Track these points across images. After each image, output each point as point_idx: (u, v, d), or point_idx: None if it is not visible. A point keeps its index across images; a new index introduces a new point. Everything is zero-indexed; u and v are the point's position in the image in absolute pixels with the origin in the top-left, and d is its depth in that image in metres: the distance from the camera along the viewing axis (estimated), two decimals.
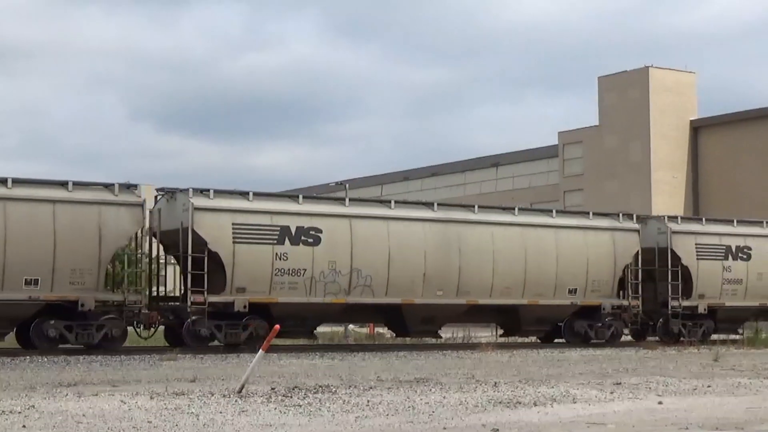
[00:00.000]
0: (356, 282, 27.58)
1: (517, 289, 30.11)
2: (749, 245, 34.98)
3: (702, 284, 33.70)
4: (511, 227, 30.37)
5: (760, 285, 35.10)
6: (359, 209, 28.30)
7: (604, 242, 31.98)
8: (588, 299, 31.49)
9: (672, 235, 33.30)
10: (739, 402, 14.26)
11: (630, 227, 32.73)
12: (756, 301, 35.04)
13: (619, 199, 61.15)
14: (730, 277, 34.41)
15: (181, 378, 17.22)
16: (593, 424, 11.71)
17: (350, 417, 12.05)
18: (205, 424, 11.21)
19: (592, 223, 32.18)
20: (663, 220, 33.92)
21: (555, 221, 31.43)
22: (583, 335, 31.58)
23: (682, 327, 33.21)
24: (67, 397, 13.62)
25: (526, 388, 15.61)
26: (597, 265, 31.64)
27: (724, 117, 64.19)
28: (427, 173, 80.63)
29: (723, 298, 34.25)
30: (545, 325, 31.77)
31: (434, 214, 29.26)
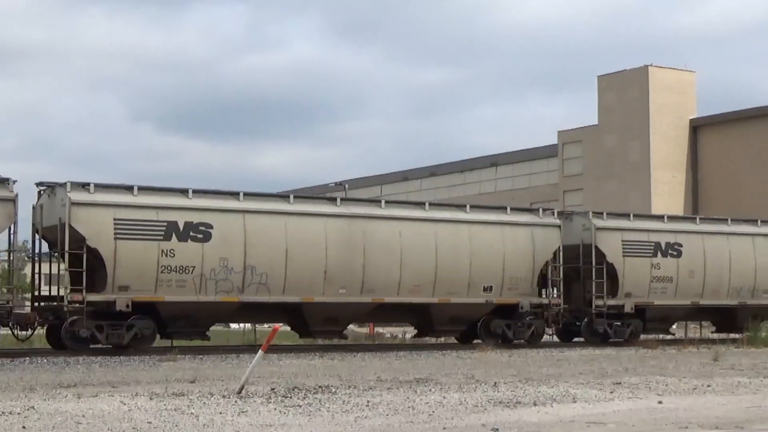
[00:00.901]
0: (250, 280, 26.38)
1: (427, 287, 28.89)
2: (680, 242, 33.60)
3: (629, 282, 32.44)
4: (420, 223, 29.12)
5: (692, 283, 33.70)
6: (254, 204, 26.96)
7: (522, 238, 30.61)
8: (505, 297, 30.12)
9: (596, 231, 32.06)
10: (739, 401, 14.26)
11: (551, 223, 31.43)
12: (687, 300, 33.72)
13: (619, 198, 61.20)
14: (659, 274, 33.00)
15: (181, 379, 17.22)
16: (593, 424, 11.70)
17: (350, 417, 12.05)
18: (204, 425, 11.21)
19: (509, 218, 30.79)
20: (587, 216, 32.56)
21: (469, 216, 30.08)
22: (501, 335, 30.19)
23: (608, 327, 32.15)
24: (66, 398, 13.61)
25: (525, 388, 15.61)
26: (514, 262, 30.29)
27: (723, 116, 64.22)
28: (426, 173, 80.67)
29: (651, 297, 32.89)
30: (460, 324, 30.45)
31: (337, 210, 28.06)
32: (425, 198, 62.48)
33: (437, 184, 78.98)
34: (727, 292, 34.51)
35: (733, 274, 34.54)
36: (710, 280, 34.04)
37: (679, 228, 34.13)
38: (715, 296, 34.26)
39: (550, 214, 31.81)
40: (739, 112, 63.66)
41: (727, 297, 34.54)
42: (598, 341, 31.91)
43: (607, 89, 65.88)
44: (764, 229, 36.08)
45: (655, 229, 33.39)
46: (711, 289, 34.05)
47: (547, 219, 31.52)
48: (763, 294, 35.24)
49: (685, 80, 65.54)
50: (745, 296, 34.86)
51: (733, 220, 36.08)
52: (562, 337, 33.48)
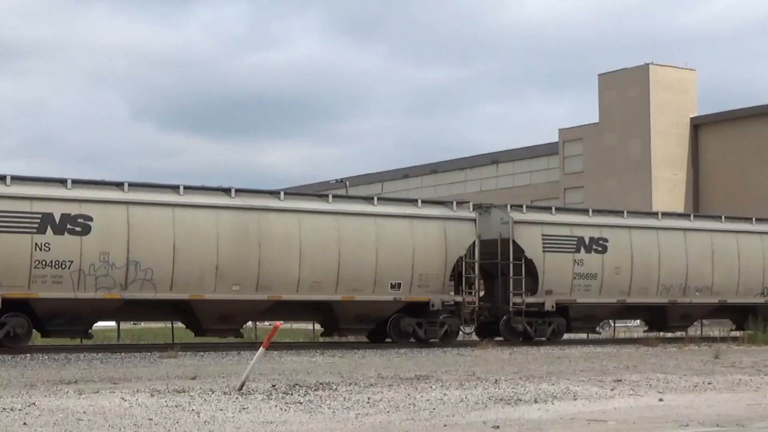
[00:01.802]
0: (134, 276, 24.81)
1: (329, 284, 27.28)
2: (605, 237, 31.77)
3: (549, 279, 30.59)
4: (323, 216, 27.45)
5: (618, 280, 31.88)
6: (139, 195, 25.32)
7: (433, 233, 28.98)
8: (414, 295, 28.52)
9: (514, 225, 30.25)
10: (739, 399, 14.26)
11: (465, 216, 29.69)
12: (613, 298, 31.89)
13: (619, 196, 61.21)
14: (582, 271, 31.17)
15: (182, 375, 17.22)
16: (594, 421, 11.70)
17: (351, 414, 12.05)
18: (206, 422, 11.21)
19: (419, 211, 29.13)
20: (505, 209, 30.82)
21: (376, 209, 28.46)
22: (412, 334, 28.80)
23: (528, 325, 30.48)
24: (67, 395, 13.61)
25: (526, 385, 15.61)
26: (424, 258, 28.66)
27: (724, 114, 64.23)
28: (427, 171, 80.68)
29: (575, 294, 31.07)
30: (367, 323, 28.83)
31: (231, 201, 26.42)
32: (426, 196, 62.49)
33: (438, 181, 78.99)
34: (657, 290, 32.75)
35: (662, 271, 32.77)
36: (638, 277, 32.28)
37: (605, 222, 32.30)
38: (643, 294, 32.53)
39: (464, 207, 30.12)
40: (739, 111, 63.66)
41: (656, 295, 32.82)
42: (518, 340, 30.43)
43: (608, 87, 65.88)
44: (697, 224, 34.58)
45: (578, 223, 31.68)
46: (639, 287, 32.33)
47: (462, 212, 29.81)
48: (696, 292, 33.55)
49: (686, 78, 65.54)
50: (675, 294, 33.14)
51: (664, 214, 34.67)
52: (481, 336, 31.33)
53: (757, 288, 34.99)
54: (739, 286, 34.44)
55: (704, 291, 33.72)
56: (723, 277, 34.03)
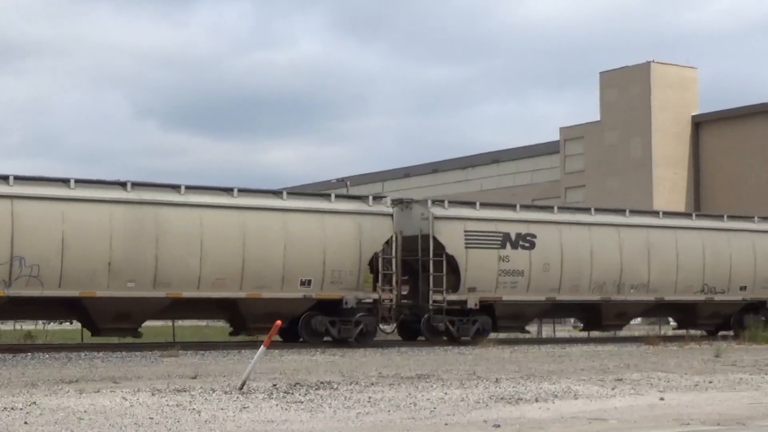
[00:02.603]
0: (19, 272, 23.82)
1: (233, 281, 26.25)
2: (533, 232, 30.53)
3: (472, 276, 29.34)
4: (226, 210, 26.43)
5: (547, 277, 30.64)
6: (26, 189, 24.27)
7: (346, 228, 27.84)
8: (327, 292, 27.38)
9: (434, 221, 29.11)
10: (740, 397, 14.26)
11: (381, 211, 28.46)
12: (542, 296, 30.65)
13: (621, 195, 61.18)
14: (508, 268, 29.90)
15: (183, 374, 17.23)
16: (595, 420, 11.71)
17: (351, 413, 12.06)
18: (206, 421, 11.22)
19: (332, 206, 27.97)
20: (425, 204, 29.63)
21: (284, 204, 27.38)
22: (324, 333, 27.60)
23: (450, 324, 29.21)
24: (68, 394, 13.62)
25: (527, 384, 15.61)
26: (337, 254, 27.52)
27: (725, 113, 64.18)
28: (428, 170, 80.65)
29: (500, 292, 29.80)
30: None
31: (126, 195, 25.34)
32: (427, 195, 62.46)
33: (439, 180, 78.96)
34: (589, 288, 31.43)
35: (595, 267, 31.52)
36: (569, 275, 31.03)
37: (533, 218, 31.02)
38: (574, 292, 31.23)
39: (381, 202, 28.94)
40: (741, 109, 63.61)
41: (589, 292, 31.49)
42: (440, 340, 29.31)
43: (609, 86, 65.84)
44: (632, 219, 33.25)
45: (504, 218, 30.36)
46: (570, 284, 31.08)
47: (377, 207, 28.59)
48: (631, 290, 32.30)
49: (687, 77, 65.50)
50: (609, 292, 31.81)
51: (597, 209, 33.35)
52: (404, 336, 30.58)
53: (697, 285, 33.78)
54: (677, 284, 33.28)
55: (640, 288, 32.51)
56: (660, 274, 32.85)
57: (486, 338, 29.20)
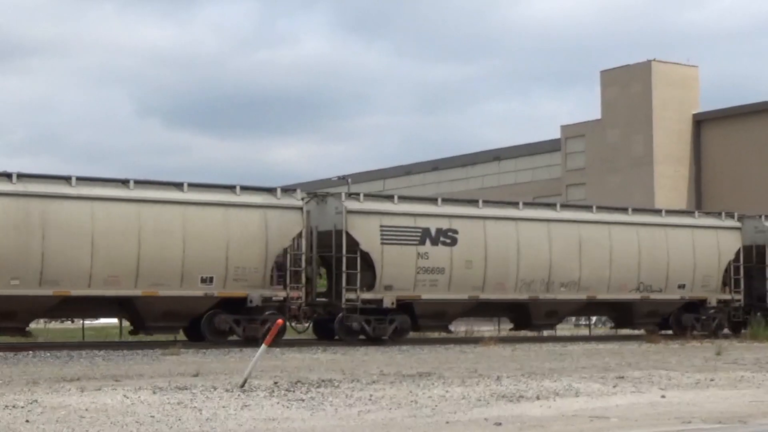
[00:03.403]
0: None
1: (128, 278, 24.91)
2: (455, 228, 29.02)
3: (389, 273, 27.98)
4: (120, 203, 25.07)
5: (470, 274, 29.18)
6: None
7: (251, 222, 26.60)
8: (230, 290, 26.21)
9: (348, 215, 27.68)
10: (742, 395, 14.26)
11: (290, 205, 27.14)
12: (465, 294, 29.18)
13: (622, 193, 61.17)
14: (427, 265, 28.51)
15: (184, 372, 17.23)
16: (596, 418, 11.70)
17: (353, 411, 12.06)
18: (208, 419, 11.22)
19: (236, 199, 26.68)
20: (339, 198, 28.19)
21: (184, 196, 26.00)
22: (228, 332, 26.50)
23: (366, 324, 27.85)
24: (69, 392, 13.63)
25: (528, 382, 15.61)
26: (241, 250, 26.32)
27: (727, 111, 64.16)
28: (429, 167, 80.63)
29: (419, 290, 28.44)
30: (177, 320, 26.40)
31: (11, 187, 24.07)
32: (428, 193, 62.46)
33: (440, 178, 78.95)
34: (516, 286, 29.97)
35: (522, 265, 30.03)
36: (493, 272, 29.54)
37: (455, 212, 29.47)
38: (500, 290, 29.79)
39: (291, 195, 27.60)
40: (742, 107, 63.58)
41: (515, 291, 30.05)
42: (354, 340, 27.93)
43: (611, 84, 65.82)
44: (563, 214, 31.63)
45: (424, 213, 28.90)
46: (494, 282, 29.56)
47: (287, 200, 27.25)
48: (561, 288, 30.72)
49: (689, 75, 65.47)
50: (537, 290, 30.33)
51: (525, 203, 31.64)
52: (319, 336, 29.44)
53: (632, 283, 32.22)
54: (610, 282, 31.71)
55: (570, 286, 30.89)
56: (592, 271, 31.33)
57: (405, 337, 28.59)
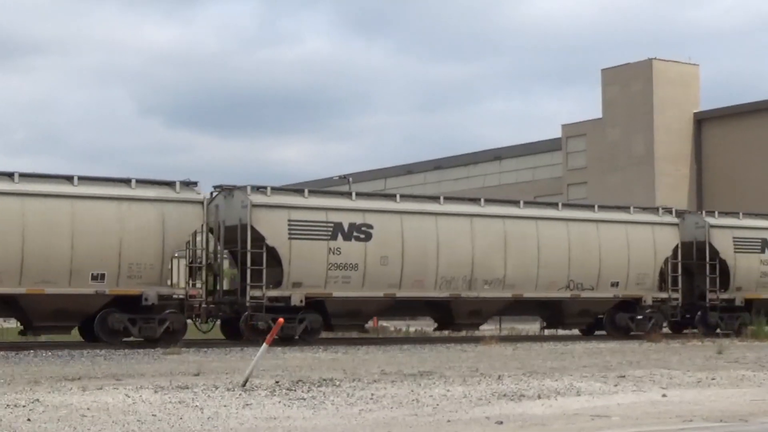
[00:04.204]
0: None
1: (11, 275, 23.90)
2: (370, 223, 27.93)
3: (297, 270, 26.92)
4: (3, 197, 24.02)
5: (386, 271, 28.05)
6: None
7: (147, 217, 25.36)
8: (123, 287, 25.04)
9: (253, 209, 26.66)
10: (743, 394, 14.26)
11: (189, 198, 26.05)
12: (380, 291, 28.02)
13: (623, 191, 61.15)
14: (339, 261, 27.44)
15: (185, 372, 17.24)
16: (597, 417, 11.71)
17: (354, 410, 12.06)
18: (209, 418, 11.23)
19: (131, 193, 25.41)
20: (245, 191, 27.07)
21: (74, 190, 24.87)
22: (123, 332, 25.28)
23: (272, 322, 25.76)
24: (71, 391, 13.64)
25: (530, 381, 15.62)
26: (136, 245, 25.07)
27: (728, 109, 64.12)
28: (431, 167, 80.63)
29: (330, 287, 27.36)
30: (68, 319, 25.25)
31: None
32: (429, 192, 62.44)
33: (441, 177, 78.95)
34: (436, 283, 28.80)
35: (442, 261, 28.86)
36: (411, 269, 28.37)
37: (370, 206, 28.40)
38: (418, 288, 28.65)
39: (190, 189, 26.39)
40: (743, 106, 63.54)
41: (435, 289, 28.86)
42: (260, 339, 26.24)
43: (611, 82, 65.79)
44: (487, 209, 30.46)
45: (335, 207, 27.90)
46: (412, 280, 28.43)
47: (186, 194, 26.12)
48: (485, 286, 29.54)
49: (689, 73, 65.43)
50: (459, 288, 29.14)
51: (447, 198, 30.64)
52: (228, 336, 28.29)
53: (561, 281, 30.95)
54: (538, 279, 30.46)
55: (495, 284, 29.68)
56: (518, 268, 30.11)
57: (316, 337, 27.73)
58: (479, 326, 31.93)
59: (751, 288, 34.68)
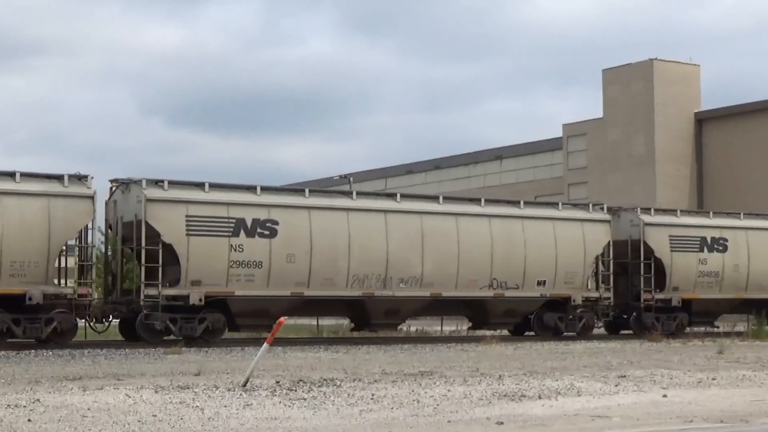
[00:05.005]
0: None
1: None
2: (275, 219, 26.81)
3: (196, 267, 25.93)
4: None
5: (293, 269, 27.05)
6: None
7: (31, 212, 24.24)
8: (5, 286, 23.96)
9: (148, 204, 25.50)
10: (743, 394, 14.26)
11: (77, 193, 24.81)
12: (287, 290, 26.97)
13: (623, 191, 61.15)
14: (241, 258, 26.33)
15: (186, 372, 17.24)
16: (598, 417, 11.71)
17: (355, 410, 12.06)
18: (210, 418, 11.23)
19: (13, 187, 24.26)
20: (140, 186, 25.80)
21: None
22: (6, 333, 24.14)
23: (171, 323, 25.66)
24: (72, 391, 13.64)
25: (530, 381, 15.62)
26: (19, 242, 23.98)
27: (728, 109, 64.11)
28: (431, 166, 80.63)
29: (233, 286, 26.36)
30: None
31: None
32: (431, 192, 62.41)
33: (442, 177, 78.94)
34: (347, 282, 27.69)
35: (354, 258, 27.72)
36: (320, 266, 27.31)
37: (276, 202, 27.30)
38: (329, 286, 27.53)
39: (81, 183, 25.06)
40: (744, 106, 63.53)
41: (347, 287, 27.75)
42: (159, 340, 25.55)
43: (612, 82, 65.79)
44: (404, 204, 29.22)
45: (238, 202, 26.69)
46: (321, 278, 27.37)
47: (75, 188, 24.88)
48: (400, 284, 28.40)
49: (690, 73, 65.42)
50: (373, 286, 28.01)
51: (359, 193, 29.03)
52: (126, 337, 26.83)
53: (483, 280, 29.74)
54: (459, 277, 29.24)
55: (412, 282, 28.53)
56: (436, 266, 28.88)
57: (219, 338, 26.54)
58: (397, 327, 30.85)
59: (689, 288, 33.65)
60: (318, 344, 27.05)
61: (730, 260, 34.62)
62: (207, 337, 26.19)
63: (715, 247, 34.39)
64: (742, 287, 34.90)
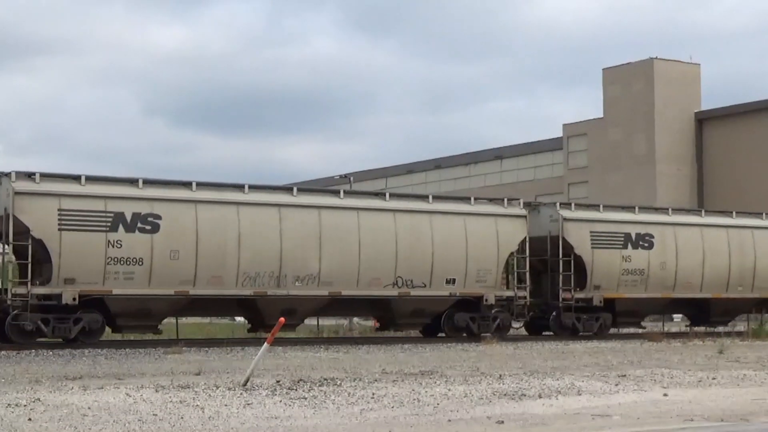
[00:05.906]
0: None
1: None
2: (158, 213, 25.33)
3: (69, 265, 24.40)
4: None
5: (177, 267, 25.49)
6: None
7: None
8: None
9: (16, 197, 24.16)
10: (744, 394, 14.26)
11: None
12: (170, 289, 25.47)
13: (624, 191, 61.19)
14: (120, 255, 24.80)
15: (186, 371, 17.24)
16: (598, 416, 11.71)
17: (355, 409, 12.06)
18: (210, 417, 11.23)
19: None
20: (8, 178, 24.33)
21: None
22: None
23: (43, 323, 24.19)
24: (72, 391, 13.64)
25: (531, 381, 15.61)
26: None
27: (729, 109, 64.17)
28: (431, 166, 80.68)
29: (109, 285, 24.75)
30: None
31: None
32: (431, 191, 62.43)
33: (442, 176, 78.99)
34: (237, 280, 26.34)
35: (244, 256, 26.34)
36: (206, 264, 25.89)
37: (157, 195, 25.66)
38: (216, 285, 26.08)
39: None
40: (744, 105, 63.59)
41: (237, 286, 26.36)
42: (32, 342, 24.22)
43: (612, 82, 65.84)
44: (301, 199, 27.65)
45: (116, 195, 25.13)
46: (208, 276, 25.96)
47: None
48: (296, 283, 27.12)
49: (690, 73, 65.48)
50: (266, 285, 26.67)
51: (252, 187, 27.12)
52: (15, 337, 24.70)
53: (387, 278, 28.22)
54: (360, 276, 27.77)
55: (308, 281, 27.15)
56: (335, 263, 27.44)
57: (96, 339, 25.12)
58: (295, 327, 29.30)
59: (612, 287, 31.90)
60: (318, 344, 27.06)
61: (657, 258, 32.75)
62: (84, 339, 24.70)
63: (640, 243, 32.51)
64: (670, 286, 33.07)
